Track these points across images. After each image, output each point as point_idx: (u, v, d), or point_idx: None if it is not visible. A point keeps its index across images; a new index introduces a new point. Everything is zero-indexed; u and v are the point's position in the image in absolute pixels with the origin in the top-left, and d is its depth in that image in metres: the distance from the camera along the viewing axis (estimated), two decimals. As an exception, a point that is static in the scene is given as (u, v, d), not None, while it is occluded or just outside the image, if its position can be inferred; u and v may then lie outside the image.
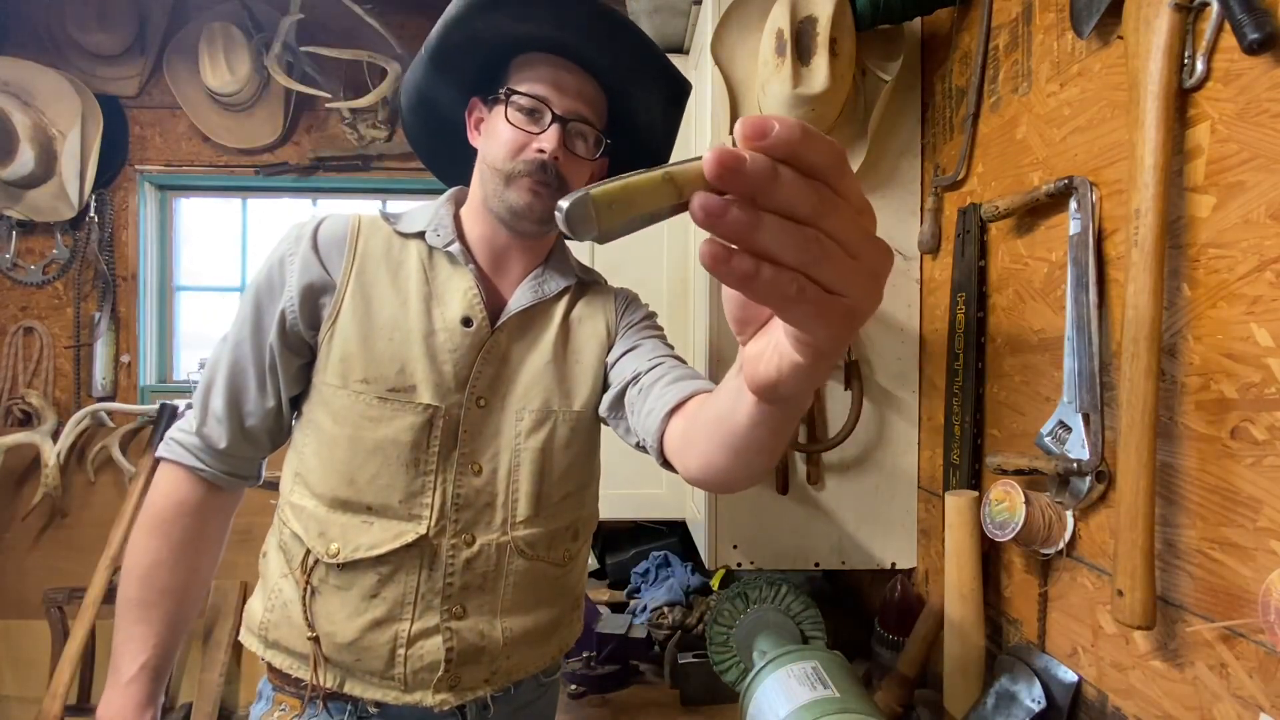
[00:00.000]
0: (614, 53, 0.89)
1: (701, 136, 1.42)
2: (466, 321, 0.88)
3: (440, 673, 0.85)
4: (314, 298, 0.86)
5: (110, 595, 2.15)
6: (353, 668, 0.85)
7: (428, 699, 0.85)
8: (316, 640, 0.85)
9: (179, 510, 0.88)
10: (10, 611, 2.45)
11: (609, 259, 1.66)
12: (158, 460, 0.90)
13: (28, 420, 2.50)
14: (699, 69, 1.51)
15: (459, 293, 0.89)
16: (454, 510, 0.86)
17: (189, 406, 0.94)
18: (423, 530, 0.85)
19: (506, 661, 0.90)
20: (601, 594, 1.79)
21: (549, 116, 0.86)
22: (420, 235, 0.91)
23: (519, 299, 0.92)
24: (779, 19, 1.17)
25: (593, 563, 1.90)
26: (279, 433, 0.92)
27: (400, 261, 0.89)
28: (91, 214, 2.53)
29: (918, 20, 1.30)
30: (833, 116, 1.23)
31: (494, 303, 0.91)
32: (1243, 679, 0.67)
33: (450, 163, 1.03)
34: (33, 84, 2.42)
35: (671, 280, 1.68)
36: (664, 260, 1.68)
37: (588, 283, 1.00)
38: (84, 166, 2.47)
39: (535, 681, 0.97)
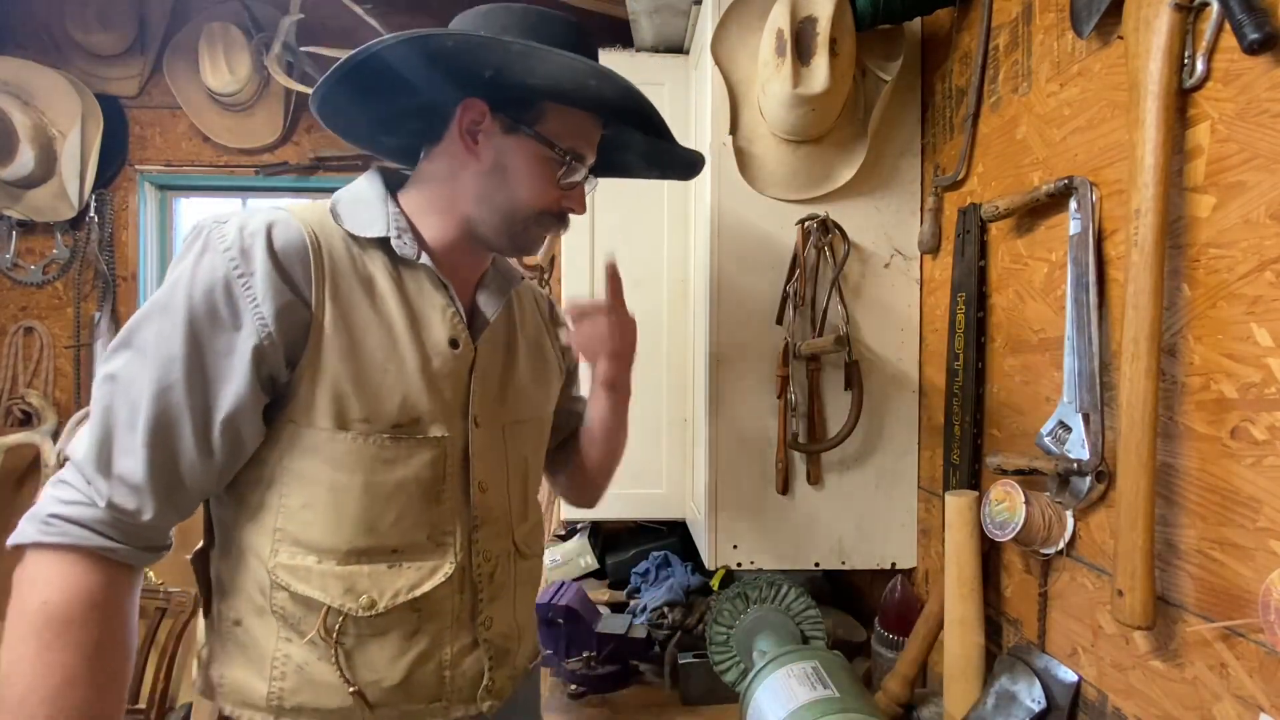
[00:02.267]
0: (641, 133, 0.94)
1: (702, 136, 1.42)
2: (453, 344, 0.84)
3: (484, 682, 0.87)
4: (292, 330, 0.74)
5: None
6: (401, 704, 0.83)
7: (472, 710, 0.87)
8: (360, 694, 0.79)
9: (85, 607, 0.67)
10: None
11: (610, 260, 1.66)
12: (21, 547, 0.68)
13: (28, 420, 2.50)
14: (699, 69, 1.51)
15: (437, 311, 0.84)
16: (474, 531, 0.86)
17: (60, 464, 0.72)
18: (454, 560, 0.83)
19: (521, 654, 0.94)
20: (601, 594, 1.79)
21: (583, 174, 0.87)
22: (380, 242, 0.82)
23: (487, 309, 0.90)
24: (779, 19, 1.17)
25: (593, 562, 1.90)
26: (214, 491, 0.79)
27: (369, 277, 0.80)
28: (91, 214, 2.52)
29: (918, 20, 1.30)
30: (833, 116, 1.23)
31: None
32: (1243, 679, 0.67)
33: (363, 117, 0.90)
34: (33, 84, 2.42)
35: (671, 280, 1.68)
36: (664, 260, 1.68)
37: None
38: (84, 166, 2.47)
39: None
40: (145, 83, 2.56)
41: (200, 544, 0.85)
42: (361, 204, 0.83)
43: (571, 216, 0.90)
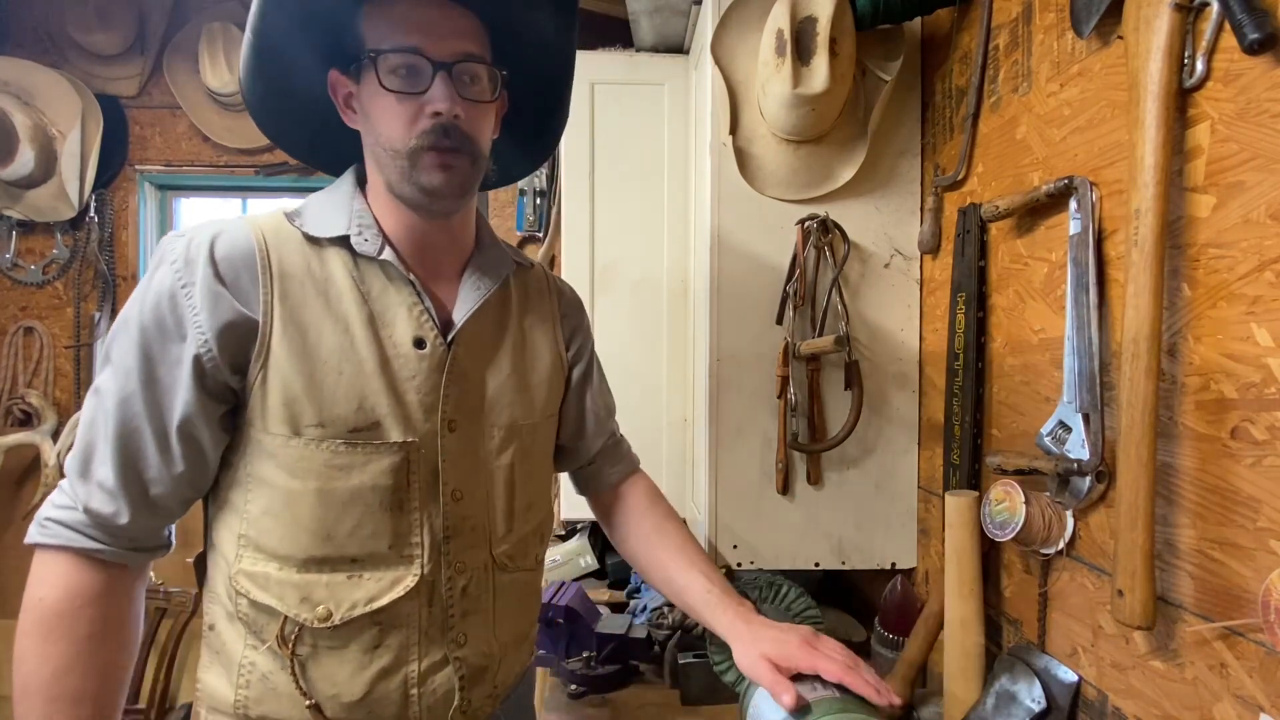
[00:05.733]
0: None
1: (702, 136, 1.42)
2: (419, 343, 0.79)
3: (456, 702, 0.83)
4: (235, 338, 0.73)
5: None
6: None
7: None
8: (317, 707, 0.77)
9: (77, 603, 0.72)
10: (10, 611, 2.45)
11: (610, 260, 1.66)
12: (32, 547, 0.74)
13: (28, 420, 2.50)
14: (699, 69, 1.51)
15: (403, 309, 0.79)
16: (444, 542, 0.81)
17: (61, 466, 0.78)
18: (419, 571, 0.79)
19: (503, 672, 0.89)
20: (601, 594, 1.79)
21: (430, 69, 0.74)
22: (341, 241, 0.79)
23: (463, 305, 0.83)
24: (779, 19, 1.17)
25: (593, 562, 1.90)
26: (194, 495, 0.78)
27: (325, 278, 0.77)
28: (91, 214, 2.53)
29: (918, 20, 1.30)
30: (833, 116, 1.24)
31: (437, 310, 0.82)
32: (1243, 679, 0.67)
33: (336, 154, 0.89)
34: (33, 84, 2.43)
35: (671, 280, 1.68)
36: (664, 260, 1.68)
37: (520, 265, 0.93)
38: (84, 166, 2.47)
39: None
40: (145, 83, 2.56)
41: (203, 549, 0.85)
42: (329, 204, 0.81)
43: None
